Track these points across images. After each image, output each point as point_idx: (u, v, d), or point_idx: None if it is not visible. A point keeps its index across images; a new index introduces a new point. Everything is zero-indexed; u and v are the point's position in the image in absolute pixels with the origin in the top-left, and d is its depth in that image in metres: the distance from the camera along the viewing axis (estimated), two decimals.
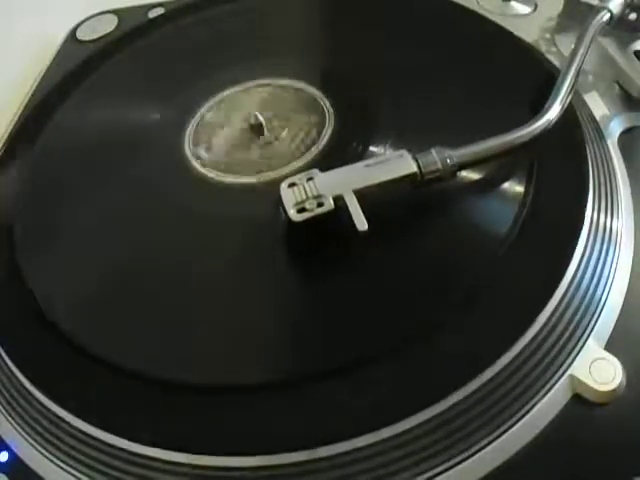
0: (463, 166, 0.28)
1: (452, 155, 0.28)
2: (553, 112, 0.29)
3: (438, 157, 0.28)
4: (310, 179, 0.27)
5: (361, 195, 0.27)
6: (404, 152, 0.28)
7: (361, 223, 0.26)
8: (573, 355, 0.25)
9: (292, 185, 0.27)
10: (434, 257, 0.28)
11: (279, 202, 0.27)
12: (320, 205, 0.26)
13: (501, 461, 0.23)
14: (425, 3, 0.40)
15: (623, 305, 0.26)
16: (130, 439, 0.24)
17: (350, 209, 0.26)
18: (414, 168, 0.27)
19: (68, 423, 0.25)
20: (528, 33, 0.38)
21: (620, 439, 0.23)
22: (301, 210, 0.27)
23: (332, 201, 0.26)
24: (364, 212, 0.26)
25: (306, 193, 0.27)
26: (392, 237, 0.28)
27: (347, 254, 0.28)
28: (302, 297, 0.28)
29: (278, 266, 0.29)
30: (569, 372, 0.24)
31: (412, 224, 0.29)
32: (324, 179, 0.27)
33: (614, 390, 0.24)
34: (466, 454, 0.23)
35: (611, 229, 0.28)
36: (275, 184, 0.28)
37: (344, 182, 0.27)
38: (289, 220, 0.26)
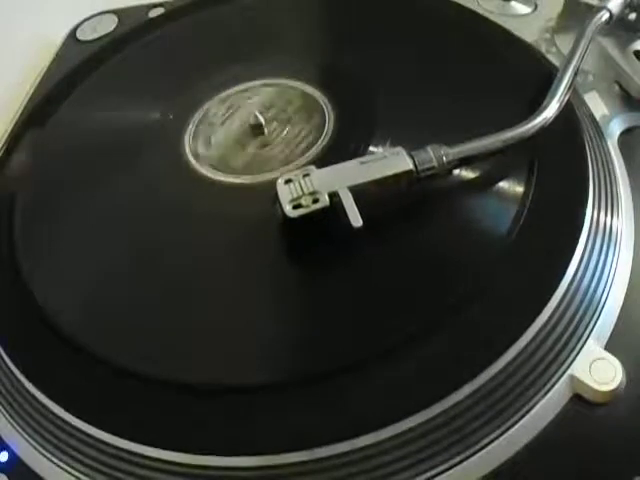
0: (459, 163, 0.28)
1: (448, 152, 0.28)
2: (550, 110, 0.29)
3: (434, 154, 0.28)
4: (306, 175, 0.27)
5: (358, 192, 0.27)
6: (400, 149, 0.28)
7: (356, 219, 0.26)
8: (573, 355, 0.25)
9: (288, 181, 0.27)
10: (433, 256, 0.28)
11: (275, 198, 0.27)
12: (316, 201, 0.27)
13: (501, 461, 0.23)
14: (425, 3, 0.40)
15: (623, 305, 0.26)
16: (130, 439, 0.24)
17: (345, 205, 0.26)
18: (410, 165, 0.27)
19: (68, 423, 0.25)
20: (528, 33, 0.38)
21: (620, 439, 0.23)
22: (297, 206, 0.27)
23: (327, 197, 0.27)
24: (362, 210, 0.26)
25: (302, 189, 0.27)
26: (390, 235, 0.28)
27: (346, 253, 0.28)
28: (302, 297, 0.28)
29: (278, 266, 0.29)
30: (569, 372, 0.24)
31: (410, 223, 0.29)
32: (320, 175, 0.27)
33: (614, 390, 0.24)
34: (466, 454, 0.23)
35: (611, 229, 0.28)
36: (275, 184, 0.28)
37: (340, 179, 0.27)
38: (285, 216, 0.27)
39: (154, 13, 0.47)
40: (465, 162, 0.29)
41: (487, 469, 0.23)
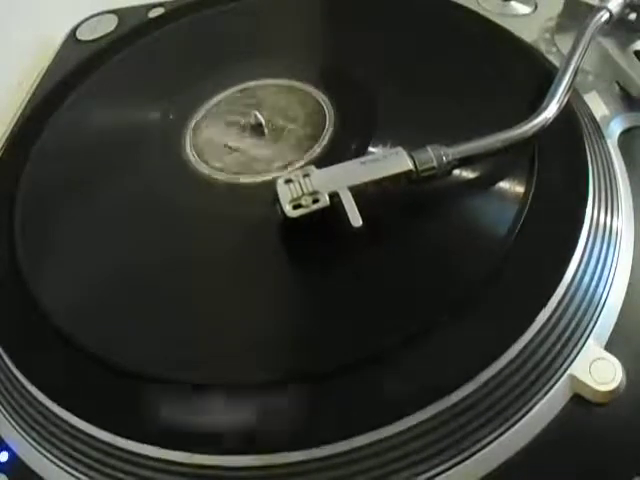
0: (459, 164, 0.28)
1: (448, 152, 0.28)
2: (550, 110, 0.29)
3: (434, 154, 0.28)
4: (306, 175, 0.27)
5: (358, 192, 0.27)
6: (400, 149, 0.28)
7: (355, 219, 0.26)
8: (573, 355, 0.25)
9: (288, 181, 0.28)
10: (433, 256, 0.28)
11: (275, 198, 0.27)
12: (316, 201, 0.27)
13: (501, 461, 0.23)
14: (425, 3, 0.40)
15: (623, 305, 0.26)
16: (130, 438, 0.24)
17: (345, 205, 0.26)
18: (410, 165, 0.27)
19: (68, 423, 0.25)
20: (528, 33, 0.38)
21: (620, 439, 0.23)
22: (297, 206, 0.27)
23: (327, 197, 0.27)
24: (363, 210, 0.26)
25: (302, 189, 0.27)
26: (391, 236, 0.28)
27: (346, 253, 0.28)
28: (301, 296, 0.28)
29: (277, 266, 0.29)
30: (569, 372, 0.24)
31: (410, 223, 0.29)
32: (320, 175, 0.27)
33: (614, 390, 0.24)
34: (466, 454, 0.23)
35: (611, 229, 0.28)
36: (275, 184, 0.28)
37: (340, 179, 0.27)
38: (285, 216, 0.27)
39: (154, 13, 0.47)
40: (465, 162, 0.29)
41: (487, 469, 0.23)
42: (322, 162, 0.30)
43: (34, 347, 0.28)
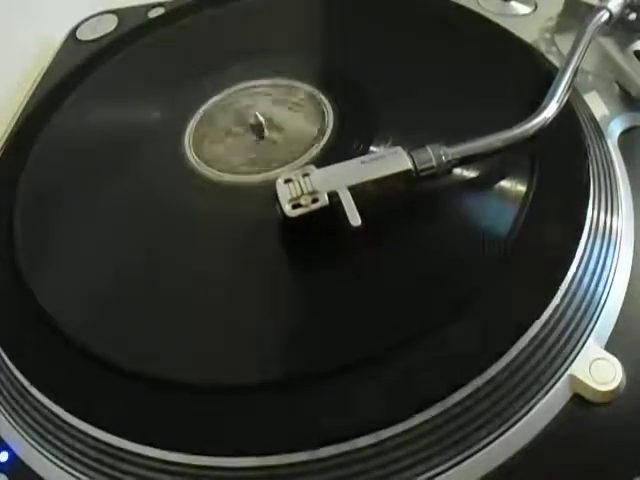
0: (458, 163, 0.28)
1: (447, 152, 0.28)
2: (550, 110, 0.30)
3: (433, 154, 0.28)
4: (306, 175, 0.28)
5: (359, 192, 0.27)
6: (399, 149, 0.28)
7: (354, 218, 0.26)
8: (573, 355, 0.25)
9: (288, 181, 0.28)
10: (432, 256, 0.28)
11: (275, 198, 0.27)
12: (315, 201, 0.27)
13: (501, 461, 0.23)
14: (425, 3, 0.40)
15: (623, 305, 0.26)
16: (130, 439, 0.24)
17: (344, 205, 0.26)
18: (409, 165, 0.28)
19: (68, 423, 0.25)
20: (528, 33, 0.38)
21: (620, 439, 0.23)
22: (296, 206, 0.27)
23: (326, 197, 0.27)
24: (364, 209, 0.26)
25: (301, 189, 0.27)
26: (390, 235, 0.28)
27: (345, 252, 0.28)
28: (301, 296, 0.28)
29: (277, 265, 0.29)
30: (569, 372, 0.24)
31: (409, 223, 0.29)
32: (319, 175, 0.28)
33: (614, 390, 0.24)
34: (466, 454, 0.23)
35: (611, 229, 0.28)
36: (274, 183, 0.28)
37: (339, 178, 0.27)
38: (284, 215, 0.27)
39: (154, 13, 0.47)
40: (465, 162, 0.29)
41: (487, 469, 0.23)
42: (322, 161, 0.30)
43: (34, 347, 0.28)
